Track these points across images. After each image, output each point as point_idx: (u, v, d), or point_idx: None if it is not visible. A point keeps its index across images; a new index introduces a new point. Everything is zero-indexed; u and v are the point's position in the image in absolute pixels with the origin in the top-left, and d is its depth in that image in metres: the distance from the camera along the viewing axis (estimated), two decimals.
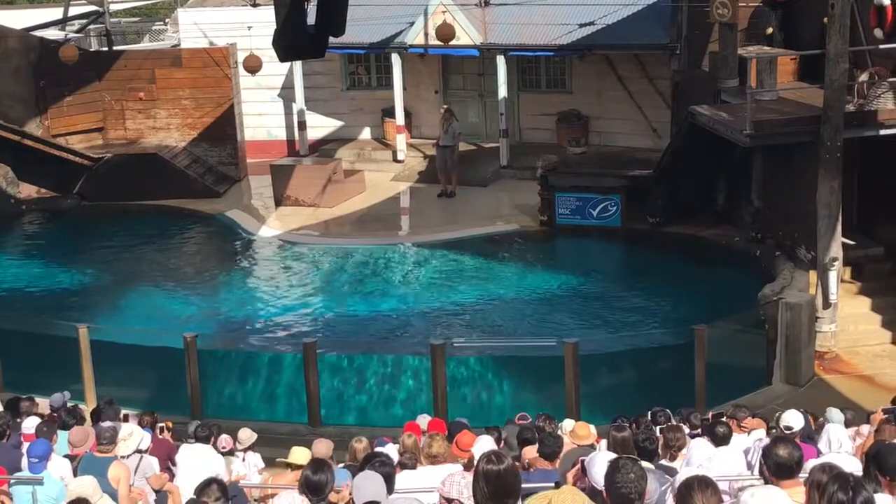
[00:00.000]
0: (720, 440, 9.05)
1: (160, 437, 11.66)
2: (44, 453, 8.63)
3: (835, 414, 10.63)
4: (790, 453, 5.78)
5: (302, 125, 27.59)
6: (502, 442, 10.03)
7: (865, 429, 10.17)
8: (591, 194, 21.65)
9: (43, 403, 12.37)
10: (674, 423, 10.32)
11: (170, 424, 12.66)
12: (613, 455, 5.62)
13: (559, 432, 9.64)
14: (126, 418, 12.05)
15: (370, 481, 6.00)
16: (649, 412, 11.36)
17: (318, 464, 6.43)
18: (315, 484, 6.38)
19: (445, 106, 25.24)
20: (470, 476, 5.28)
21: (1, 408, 12.07)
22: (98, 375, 15.72)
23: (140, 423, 11.25)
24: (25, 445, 9.49)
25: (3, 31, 26.12)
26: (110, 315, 19.18)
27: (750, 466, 8.30)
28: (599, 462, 5.42)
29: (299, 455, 8.94)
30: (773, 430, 10.59)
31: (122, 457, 8.96)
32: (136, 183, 24.99)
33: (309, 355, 15.13)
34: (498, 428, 10.47)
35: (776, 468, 5.74)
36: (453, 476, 5.41)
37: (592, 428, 9.52)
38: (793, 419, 9.58)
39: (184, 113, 26.81)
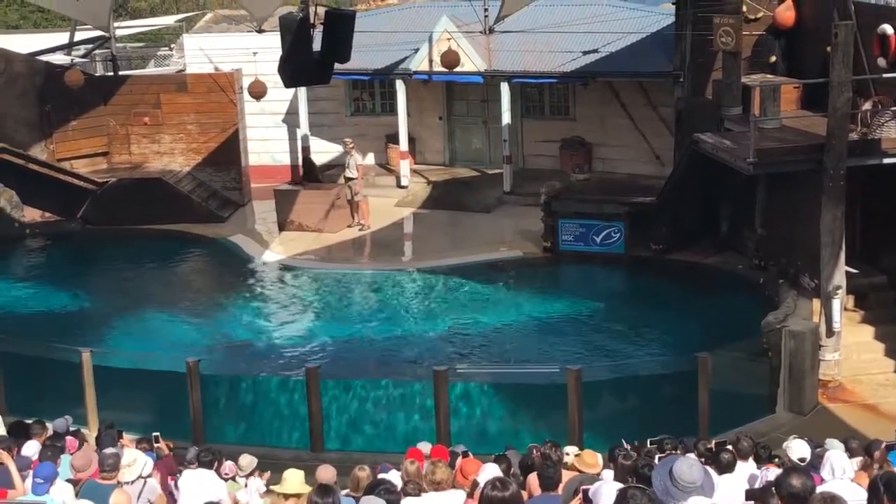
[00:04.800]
0: (724, 468, 9.02)
1: (158, 455, 11.63)
2: (50, 475, 8.61)
3: (834, 443, 10.60)
4: (804, 483, 5.74)
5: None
6: (511, 471, 9.97)
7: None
8: (594, 221, 21.67)
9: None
10: (678, 451, 10.28)
11: (170, 445, 12.62)
12: (619, 485, 5.61)
13: (565, 460, 9.60)
14: (121, 434, 12.03)
15: None
16: (649, 440, 11.33)
17: (324, 489, 6.33)
18: None
19: (349, 139, 25.17)
20: None
21: (3, 431, 12.05)
22: (101, 400, 15.69)
23: (138, 448, 11.20)
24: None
25: (9, 55, 26.26)
26: (113, 339, 19.17)
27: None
28: (606, 492, 5.40)
29: (292, 482, 8.83)
30: (777, 459, 10.55)
31: (126, 483, 8.92)
32: (141, 207, 25.03)
33: (311, 380, 15.11)
34: (507, 457, 10.42)
35: (790, 499, 5.71)
36: None
37: (599, 457, 9.48)
38: (804, 450, 9.53)
39: (188, 138, 26.90)
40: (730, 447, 9.81)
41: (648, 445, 11.11)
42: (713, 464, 9.31)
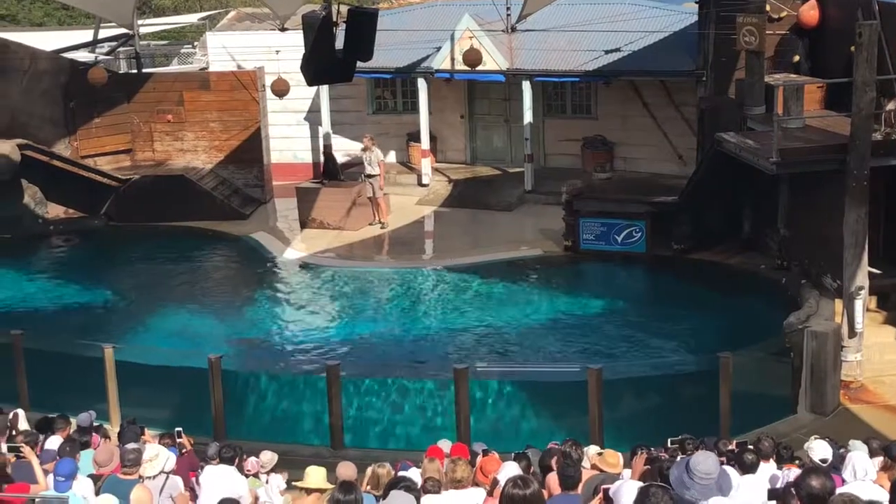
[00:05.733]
0: (747, 468, 8.99)
1: (180, 450, 11.69)
2: (70, 472, 8.66)
3: (858, 444, 10.56)
4: (823, 484, 5.72)
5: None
6: (531, 469, 9.97)
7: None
8: (615, 220, 21.63)
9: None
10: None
11: (191, 440, 12.67)
12: (640, 483, 5.61)
13: (585, 459, 9.59)
14: (143, 430, 12.09)
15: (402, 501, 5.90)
16: (669, 440, 11.30)
17: (347, 486, 6.36)
18: None
19: (368, 135, 25.10)
20: None
21: (27, 425, 12.15)
22: (123, 395, 15.78)
23: (161, 444, 11.25)
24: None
25: (34, 52, 26.42)
26: (135, 335, 19.28)
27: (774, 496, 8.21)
28: (627, 491, 5.40)
29: (315, 478, 8.88)
30: (798, 461, 10.50)
31: (148, 478, 8.98)
32: (163, 204, 25.15)
33: (332, 378, 15.15)
34: (527, 455, 10.42)
35: (809, 499, 5.69)
36: None
37: (621, 456, 9.47)
38: (825, 451, 9.50)
39: (211, 135, 27.01)
40: (752, 447, 9.77)
41: (669, 445, 11.09)
42: (736, 464, 9.29)
